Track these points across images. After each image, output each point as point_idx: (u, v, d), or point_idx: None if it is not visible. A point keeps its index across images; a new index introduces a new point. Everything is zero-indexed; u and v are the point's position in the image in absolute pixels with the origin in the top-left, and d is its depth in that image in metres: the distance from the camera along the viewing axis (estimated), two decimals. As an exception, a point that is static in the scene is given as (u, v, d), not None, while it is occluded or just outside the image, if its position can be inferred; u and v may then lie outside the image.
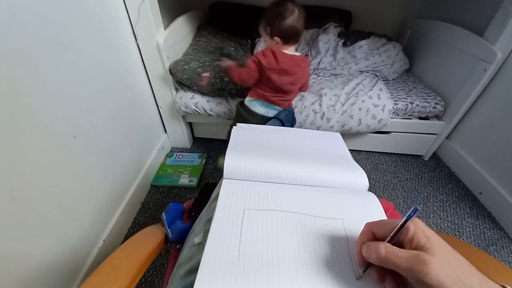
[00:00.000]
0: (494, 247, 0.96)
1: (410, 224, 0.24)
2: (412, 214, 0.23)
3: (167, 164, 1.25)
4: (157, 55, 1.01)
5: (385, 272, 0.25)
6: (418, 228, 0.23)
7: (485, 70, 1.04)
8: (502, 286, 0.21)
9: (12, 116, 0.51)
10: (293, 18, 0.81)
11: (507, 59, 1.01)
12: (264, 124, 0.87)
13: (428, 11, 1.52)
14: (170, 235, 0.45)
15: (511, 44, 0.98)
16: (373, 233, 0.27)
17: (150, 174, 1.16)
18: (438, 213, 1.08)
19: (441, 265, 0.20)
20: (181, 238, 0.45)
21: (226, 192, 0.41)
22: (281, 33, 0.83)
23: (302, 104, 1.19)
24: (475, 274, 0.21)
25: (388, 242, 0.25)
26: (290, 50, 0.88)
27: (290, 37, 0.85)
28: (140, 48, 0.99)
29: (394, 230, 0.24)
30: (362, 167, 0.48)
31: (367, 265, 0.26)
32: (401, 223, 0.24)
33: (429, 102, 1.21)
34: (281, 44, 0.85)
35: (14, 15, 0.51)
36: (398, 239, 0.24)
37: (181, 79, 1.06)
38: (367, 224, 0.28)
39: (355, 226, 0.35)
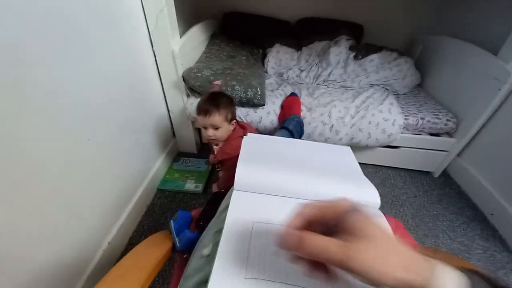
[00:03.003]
0: (504, 270, 0.93)
1: (350, 209, 0.23)
2: (352, 210, 0.23)
3: (174, 169, 1.26)
4: (171, 62, 1.03)
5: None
6: (357, 217, 0.23)
7: (499, 89, 1.03)
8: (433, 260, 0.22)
9: (27, 117, 0.53)
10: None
11: (522, 79, 1.00)
12: None
13: (440, 27, 1.52)
14: (178, 244, 0.45)
15: (527, 64, 0.97)
16: (305, 216, 0.26)
17: (157, 177, 1.17)
18: (448, 233, 1.05)
19: (369, 250, 0.21)
20: (189, 247, 0.44)
21: (236, 204, 0.41)
22: (235, 116, 0.90)
23: (311, 115, 1.19)
24: (401, 250, 0.22)
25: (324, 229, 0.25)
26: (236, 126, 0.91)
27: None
28: (155, 54, 1.01)
29: (330, 224, 0.24)
30: (369, 181, 0.48)
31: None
32: (339, 216, 0.24)
33: (440, 119, 1.19)
34: (235, 125, 0.89)
35: (36, 16, 0.53)
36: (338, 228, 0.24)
37: (194, 86, 1.08)
38: (301, 206, 0.27)
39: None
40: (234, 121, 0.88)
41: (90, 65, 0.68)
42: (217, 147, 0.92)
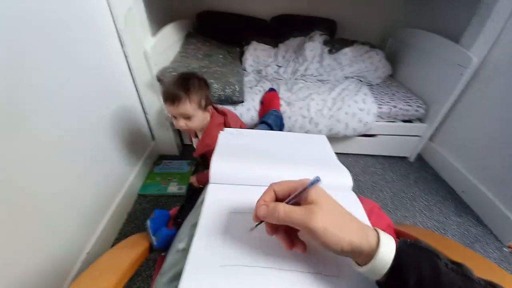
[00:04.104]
0: (479, 244, 0.99)
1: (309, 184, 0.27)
2: (312, 183, 0.27)
3: (155, 172, 1.22)
4: (144, 62, 1.01)
5: (277, 226, 0.28)
6: (313, 189, 0.27)
7: (461, 74, 1.10)
8: (375, 229, 0.26)
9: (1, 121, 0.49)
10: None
11: (483, 63, 1.07)
12: None
13: (408, 20, 1.60)
14: (155, 243, 0.43)
15: (486, 49, 1.05)
16: (275, 192, 0.29)
17: (138, 182, 1.13)
18: (424, 212, 1.11)
19: (325, 214, 0.24)
20: (167, 245, 0.43)
21: (212, 196, 0.40)
22: (210, 100, 0.78)
23: (290, 109, 1.21)
24: (354, 220, 0.26)
25: (289, 199, 0.28)
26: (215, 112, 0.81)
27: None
28: (126, 55, 0.98)
29: (295, 194, 0.28)
30: (350, 170, 0.49)
31: (261, 220, 0.29)
32: (301, 190, 0.27)
33: (411, 106, 1.25)
34: (211, 111, 0.79)
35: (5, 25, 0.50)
36: (297, 200, 0.28)
37: (169, 85, 1.06)
38: (271, 184, 0.30)
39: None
40: (210, 107, 0.76)
41: (53, 71, 0.65)
42: (196, 139, 0.84)
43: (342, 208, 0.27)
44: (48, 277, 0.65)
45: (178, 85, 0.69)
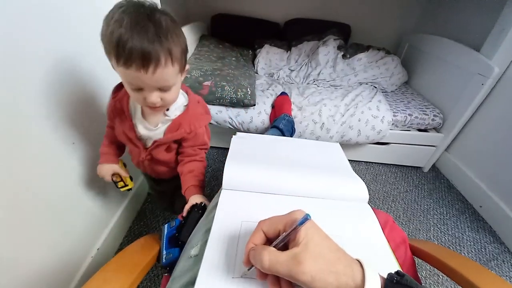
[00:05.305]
0: (495, 262, 0.94)
1: (299, 219, 0.25)
2: (302, 222, 0.25)
3: (165, 172, 1.24)
4: (159, 63, 1.02)
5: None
6: (303, 227, 0.25)
7: (482, 84, 1.06)
8: (357, 259, 0.25)
9: (11, 120, 0.51)
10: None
11: (504, 73, 1.03)
12: None
13: (425, 26, 1.56)
14: (164, 260, 0.42)
15: (508, 59, 1.00)
16: (264, 232, 0.28)
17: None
18: (439, 226, 1.07)
19: (314, 259, 0.23)
20: (172, 266, 0.40)
21: (225, 203, 0.40)
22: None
23: (301, 114, 1.19)
24: (341, 258, 0.24)
25: (279, 242, 0.26)
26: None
27: None
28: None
29: (283, 235, 0.26)
30: (361, 178, 0.48)
31: (252, 264, 0.27)
32: (290, 230, 0.25)
33: (427, 115, 1.22)
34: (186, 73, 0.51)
35: (22, 17, 0.51)
36: (288, 239, 0.26)
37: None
38: (259, 223, 0.29)
39: (354, 242, 0.34)
40: (188, 66, 0.49)
41: (72, 67, 0.67)
42: (154, 128, 0.54)
43: (331, 243, 0.25)
44: (59, 273, 0.67)
45: (146, 31, 0.37)
